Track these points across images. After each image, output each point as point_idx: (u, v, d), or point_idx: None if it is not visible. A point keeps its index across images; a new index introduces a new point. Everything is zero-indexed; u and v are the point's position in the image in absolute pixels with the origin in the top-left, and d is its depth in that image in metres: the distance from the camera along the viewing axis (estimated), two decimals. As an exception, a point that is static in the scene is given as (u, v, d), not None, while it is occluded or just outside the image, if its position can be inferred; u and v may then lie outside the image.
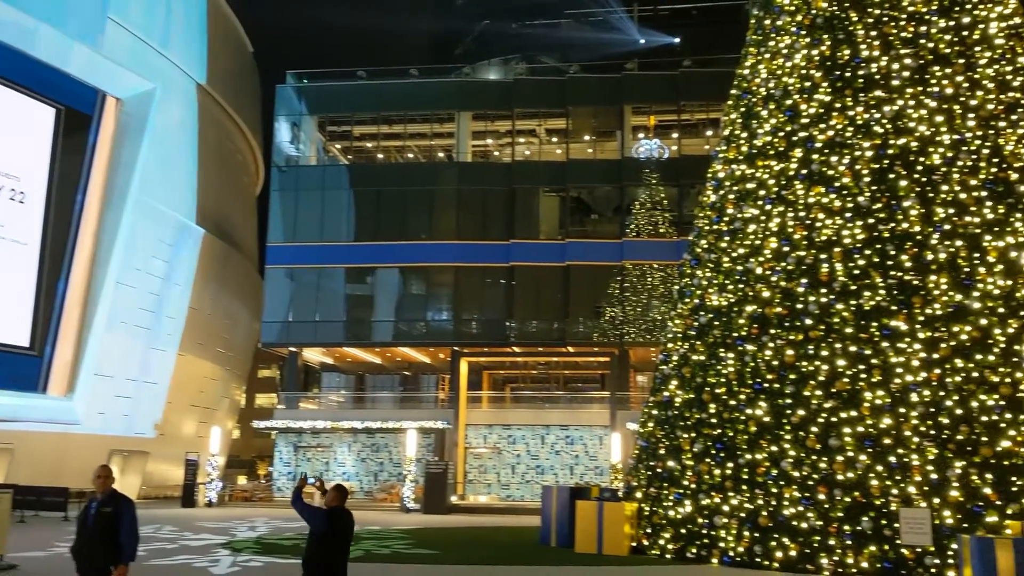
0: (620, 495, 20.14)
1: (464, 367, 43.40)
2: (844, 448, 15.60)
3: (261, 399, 69.53)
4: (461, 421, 41.75)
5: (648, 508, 18.19)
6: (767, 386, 16.87)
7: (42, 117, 34.15)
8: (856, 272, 16.66)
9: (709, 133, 43.69)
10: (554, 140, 46.77)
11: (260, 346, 46.93)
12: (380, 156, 48.52)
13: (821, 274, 16.99)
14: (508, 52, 53.46)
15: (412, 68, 47.22)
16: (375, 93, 45.69)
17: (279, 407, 44.33)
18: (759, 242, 18.17)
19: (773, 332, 17.19)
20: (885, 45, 18.07)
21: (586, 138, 45.53)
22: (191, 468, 35.49)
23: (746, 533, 16.20)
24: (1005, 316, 15.62)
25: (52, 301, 34.06)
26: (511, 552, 19.32)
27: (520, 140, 46.43)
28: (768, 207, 18.30)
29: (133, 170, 35.96)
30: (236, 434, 57.72)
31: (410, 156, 49.06)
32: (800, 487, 15.81)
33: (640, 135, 44.10)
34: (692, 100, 43.51)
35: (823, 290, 16.87)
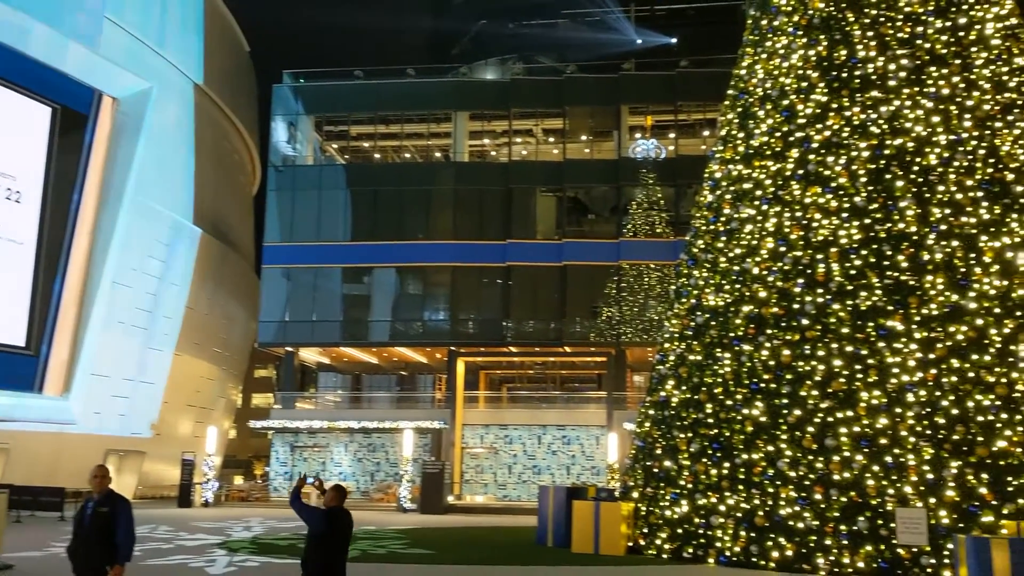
0: (616, 495, 20.15)
1: (461, 367, 43.40)
2: (840, 448, 15.62)
3: (257, 399, 69.51)
4: (458, 421, 41.75)
5: (645, 508, 18.20)
6: (764, 386, 16.89)
7: (38, 116, 34.10)
8: (852, 272, 16.68)
9: (706, 133, 43.70)
10: (551, 140, 46.78)
11: (256, 346, 46.89)
12: (377, 156, 48.49)
13: (817, 274, 17.01)
14: (505, 52, 53.47)
15: (409, 68, 47.21)
16: (372, 93, 45.65)
17: (275, 407, 44.30)
18: (756, 242, 18.19)
19: (770, 332, 17.21)
20: (882, 45, 18.10)
21: (583, 138, 45.54)
22: (187, 468, 35.43)
23: (742, 533, 16.22)
24: (1001, 316, 15.65)
25: (48, 300, 34.02)
26: (507, 552, 19.32)
27: (517, 140, 46.43)
28: (765, 207, 18.32)
29: (129, 170, 35.92)
30: (232, 434, 57.68)
31: (407, 156, 49.04)
32: (796, 487, 15.84)
33: (637, 135, 44.10)
34: (689, 100, 43.51)
35: (819, 290, 16.89)
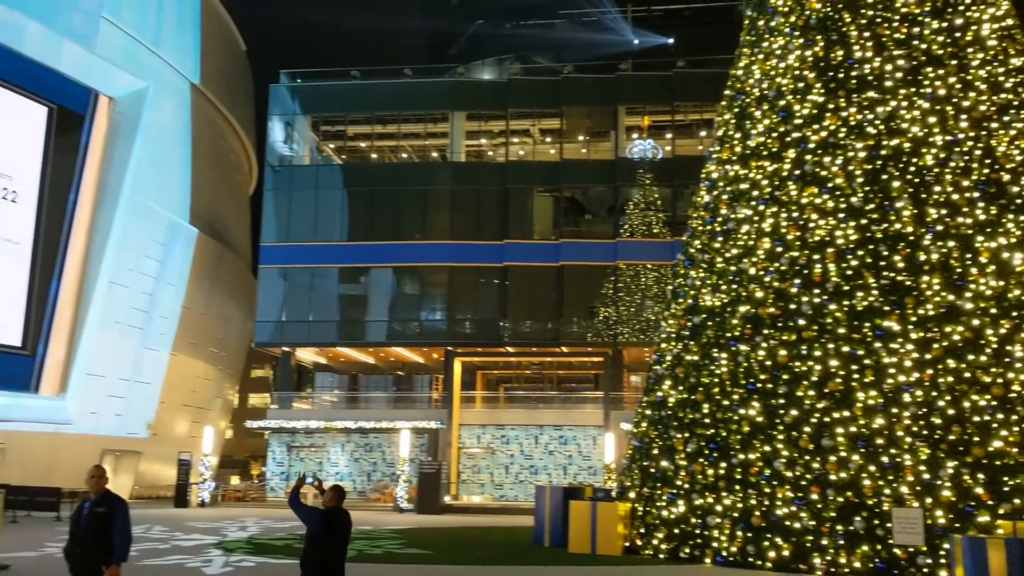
0: (613, 495, 20.13)
1: (458, 367, 43.39)
2: (837, 448, 15.63)
3: (254, 399, 69.45)
4: (455, 421, 41.74)
5: (641, 508, 18.21)
6: (760, 386, 16.90)
7: (34, 116, 34.08)
8: (849, 273, 16.69)
9: (703, 133, 43.70)
10: (548, 140, 46.76)
11: (253, 346, 46.83)
12: (374, 156, 48.46)
13: (814, 274, 17.03)
14: (502, 52, 53.41)
15: (406, 68, 47.18)
16: (369, 93, 45.62)
17: (272, 407, 44.27)
18: (752, 242, 18.20)
19: (766, 332, 17.22)
20: (878, 46, 18.11)
21: (580, 138, 45.55)
22: (184, 468, 35.39)
23: (739, 533, 16.24)
24: (997, 317, 15.68)
25: (44, 300, 34.00)
26: (504, 552, 19.32)
27: (514, 140, 46.43)
28: (761, 208, 18.33)
29: (126, 169, 35.91)
30: (229, 434, 57.67)
31: (404, 156, 49.02)
32: (793, 487, 15.85)
33: (634, 135, 44.12)
34: (686, 100, 43.51)
35: (816, 290, 16.90)
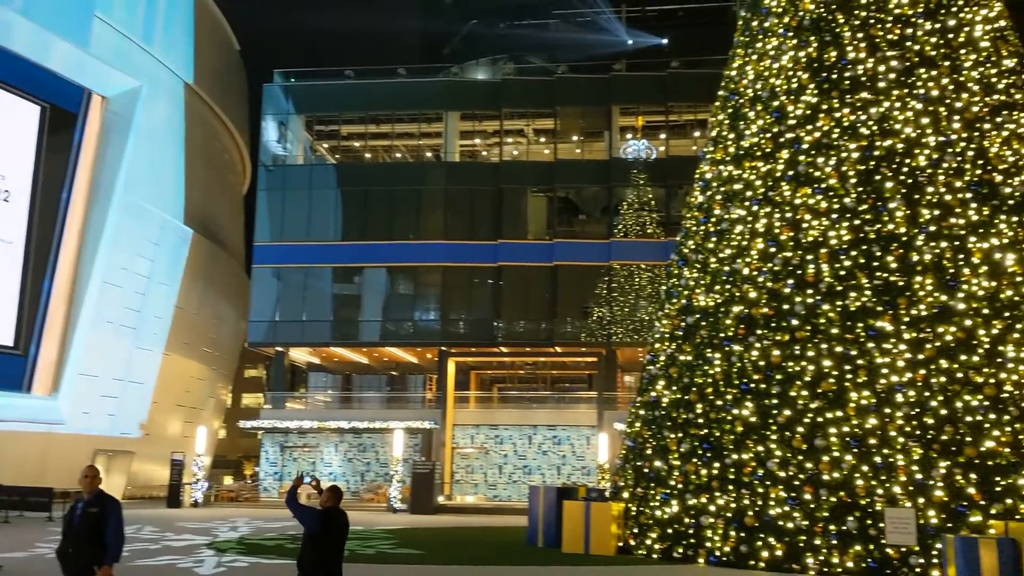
0: (607, 495, 20.16)
1: (452, 367, 43.36)
2: (830, 448, 15.67)
3: (247, 399, 69.27)
4: (448, 421, 41.72)
5: (635, 508, 18.22)
6: (753, 386, 16.93)
7: (27, 115, 33.96)
8: (842, 273, 16.73)
9: (697, 134, 43.76)
10: (542, 140, 46.78)
11: (247, 346, 46.74)
12: (368, 156, 48.39)
13: (807, 275, 17.06)
14: (496, 52, 53.37)
15: (400, 68, 47.13)
16: (363, 92, 45.57)
17: (266, 407, 44.16)
18: (746, 243, 18.23)
19: (760, 333, 17.25)
20: (871, 47, 18.15)
21: (574, 138, 45.55)
22: (177, 468, 35.28)
23: (732, 533, 16.26)
24: (989, 317, 15.73)
25: (37, 300, 33.88)
26: (498, 552, 19.31)
27: (508, 140, 46.41)
28: (755, 208, 18.36)
29: (119, 169, 35.79)
30: (222, 434, 57.51)
31: (398, 156, 48.96)
32: (786, 487, 15.88)
33: (628, 136, 44.15)
34: (680, 101, 43.54)
35: (809, 291, 16.94)
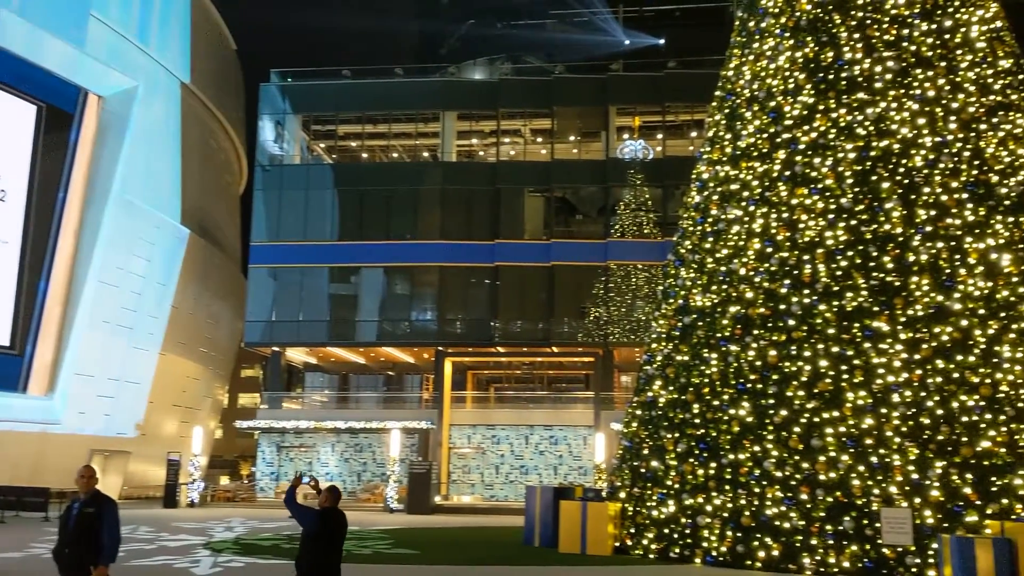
0: (604, 495, 20.15)
1: (448, 367, 43.34)
2: (826, 448, 15.68)
3: (244, 399, 69.21)
4: (445, 421, 41.70)
5: (632, 508, 18.22)
6: (750, 386, 16.94)
7: (23, 115, 33.91)
8: (838, 273, 16.74)
9: (693, 134, 43.79)
10: (539, 140, 46.79)
11: (243, 346, 46.69)
12: (364, 155, 48.36)
13: (804, 275, 17.07)
14: (493, 52, 53.42)
15: (397, 67, 47.15)
16: (360, 92, 45.54)
17: (262, 407, 44.12)
18: (742, 243, 18.24)
19: (756, 333, 17.26)
20: (868, 48, 18.17)
21: (571, 138, 45.57)
22: (173, 468, 35.23)
23: (729, 533, 16.27)
24: (985, 317, 15.75)
25: (33, 300, 33.83)
26: (494, 552, 19.31)
27: (505, 140, 46.41)
28: (752, 208, 18.37)
29: (115, 168, 35.75)
30: (218, 434, 57.45)
31: (395, 156, 48.94)
32: (782, 487, 15.89)
33: (625, 136, 44.17)
34: (676, 101, 43.57)
35: (806, 291, 16.95)
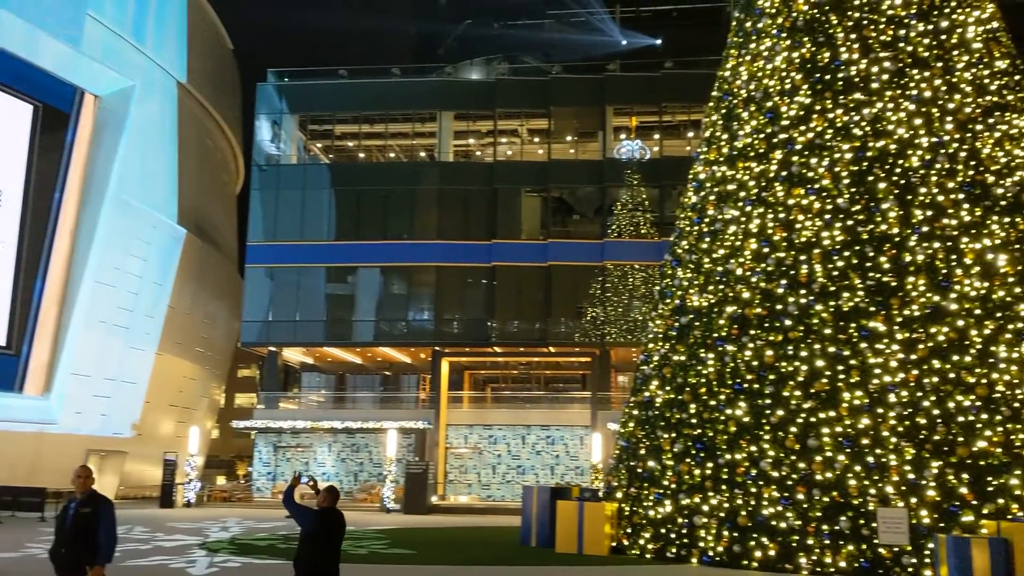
0: (600, 495, 20.15)
1: (445, 367, 43.33)
2: (823, 448, 15.70)
3: (240, 399, 69.15)
4: (442, 421, 41.69)
5: (628, 508, 18.23)
6: (747, 386, 16.96)
7: (19, 114, 33.85)
8: (835, 273, 16.77)
9: (690, 134, 43.82)
10: (536, 140, 46.77)
11: (240, 345, 46.61)
12: (361, 155, 48.33)
13: (800, 275, 17.09)
14: (490, 52, 53.35)
15: (394, 67, 47.10)
16: (357, 92, 45.51)
17: (259, 407, 44.09)
18: (739, 243, 18.26)
19: (753, 333, 17.28)
20: (865, 48, 18.20)
21: (568, 138, 45.58)
22: (169, 468, 35.16)
23: (725, 533, 16.28)
24: (982, 318, 15.78)
25: (29, 300, 33.78)
26: (491, 552, 19.30)
27: (502, 140, 46.41)
28: (748, 208, 18.39)
29: (111, 168, 35.70)
30: (215, 434, 57.40)
31: (392, 156, 48.92)
32: (779, 487, 15.90)
33: (622, 136, 44.19)
34: (673, 101, 43.57)
35: (802, 291, 16.97)
